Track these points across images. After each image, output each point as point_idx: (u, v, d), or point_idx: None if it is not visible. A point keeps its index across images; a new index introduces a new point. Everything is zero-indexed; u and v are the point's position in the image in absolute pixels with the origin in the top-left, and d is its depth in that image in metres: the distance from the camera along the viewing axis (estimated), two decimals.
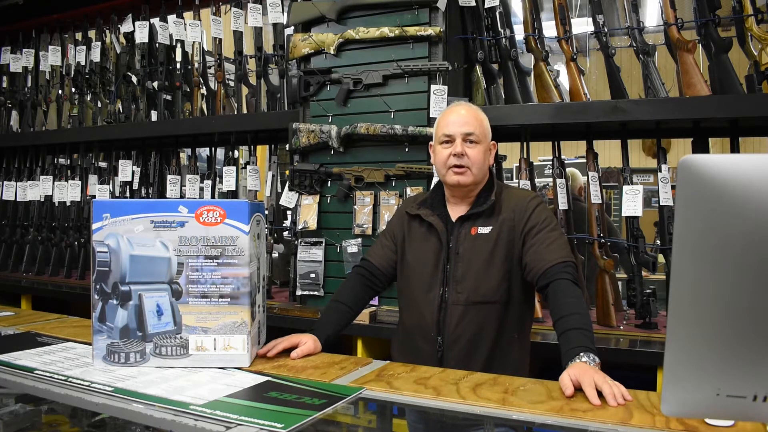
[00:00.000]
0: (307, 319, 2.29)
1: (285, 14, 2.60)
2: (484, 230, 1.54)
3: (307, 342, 1.45)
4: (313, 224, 2.39)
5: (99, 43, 3.26)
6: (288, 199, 2.51)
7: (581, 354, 1.26)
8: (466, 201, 1.60)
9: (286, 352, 1.43)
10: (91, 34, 3.37)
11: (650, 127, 2.21)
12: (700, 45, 2.03)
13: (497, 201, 1.57)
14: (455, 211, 1.60)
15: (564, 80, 2.37)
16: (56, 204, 3.35)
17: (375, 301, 2.29)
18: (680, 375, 0.77)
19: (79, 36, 3.39)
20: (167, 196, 2.98)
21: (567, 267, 1.47)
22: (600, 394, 1.11)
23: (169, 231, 1.30)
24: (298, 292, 2.43)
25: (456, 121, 1.56)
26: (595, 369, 1.21)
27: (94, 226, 1.30)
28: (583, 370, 1.19)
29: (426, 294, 1.58)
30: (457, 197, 1.60)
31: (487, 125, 1.60)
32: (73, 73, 3.36)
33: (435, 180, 2.20)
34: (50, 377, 1.19)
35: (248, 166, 2.79)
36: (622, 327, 2.06)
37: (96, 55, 3.26)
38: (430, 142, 1.66)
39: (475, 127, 1.55)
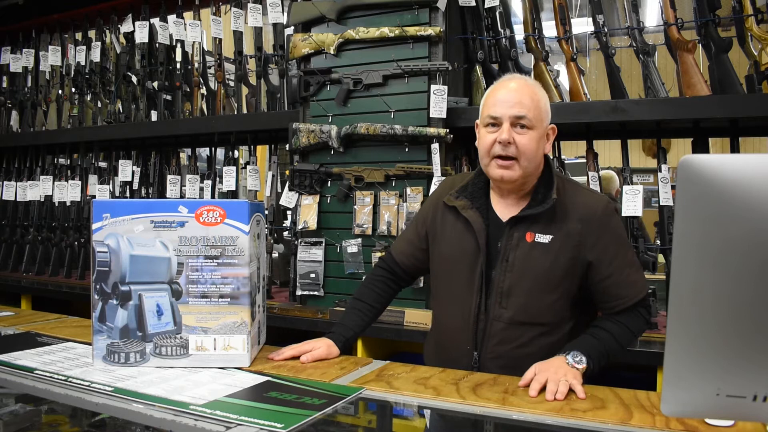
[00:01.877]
0: (307, 319, 2.29)
1: (285, 14, 2.60)
2: (543, 239, 1.31)
3: (321, 348, 1.39)
4: (313, 224, 2.39)
5: (99, 43, 3.26)
6: (288, 199, 2.51)
7: (569, 352, 1.24)
8: (516, 194, 1.37)
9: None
10: (91, 34, 3.36)
11: (650, 127, 2.21)
12: (700, 45, 2.03)
13: (560, 202, 1.33)
14: (503, 206, 1.39)
15: (564, 80, 2.37)
16: (56, 204, 3.35)
17: None
18: (680, 375, 0.77)
19: (79, 36, 3.39)
20: (167, 196, 2.98)
21: (645, 303, 1.35)
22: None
23: (169, 231, 1.30)
24: (298, 292, 2.43)
25: (505, 99, 1.31)
26: (562, 366, 1.19)
27: (94, 226, 1.30)
28: (548, 365, 1.20)
29: (460, 301, 1.39)
30: (503, 189, 1.39)
31: (545, 106, 1.34)
32: (73, 73, 3.36)
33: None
34: (50, 377, 1.19)
35: (248, 166, 2.79)
36: None
37: (96, 55, 3.26)
38: (477, 121, 1.41)
39: (528, 109, 1.29)
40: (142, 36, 3.05)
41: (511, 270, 1.33)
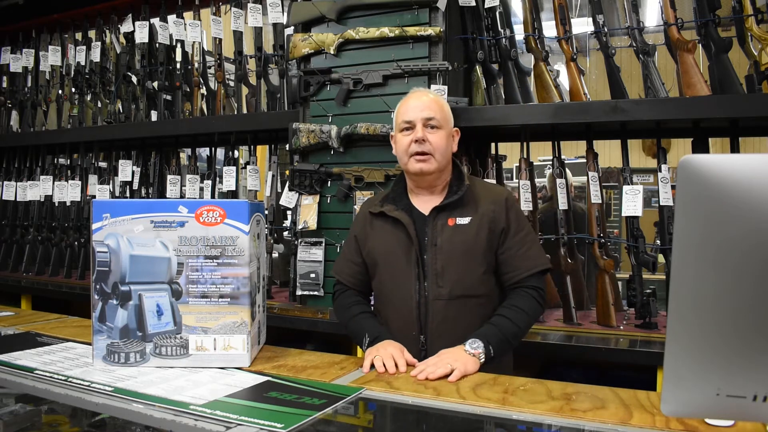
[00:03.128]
0: (307, 319, 2.29)
1: (285, 14, 2.60)
2: (463, 221, 1.50)
3: (402, 349, 1.40)
4: (313, 224, 2.39)
5: (99, 43, 3.26)
6: (288, 199, 2.51)
7: (469, 340, 1.36)
8: (432, 191, 1.56)
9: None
10: (91, 34, 3.36)
11: (650, 127, 2.21)
12: (700, 45, 2.03)
13: (471, 191, 1.53)
14: (423, 201, 1.55)
15: (564, 80, 2.36)
16: (56, 204, 3.35)
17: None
18: (680, 375, 0.77)
19: (79, 36, 3.39)
20: (167, 196, 2.98)
21: (538, 280, 1.51)
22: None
23: (169, 231, 1.30)
24: (298, 292, 2.43)
25: (416, 106, 1.52)
26: (457, 354, 1.32)
27: (94, 226, 1.30)
28: (444, 353, 1.33)
29: (400, 291, 1.51)
30: (421, 187, 1.56)
31: (449, 110, 1.57)
32: (73, 73, 3.36)
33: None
34: (50, 377, 1.19)
35: (248, 166, 2.79)
36: (622, 327, 2.06)
37: (96, 55, 3.26)
38: (391, 133, 1.62)
39: (435, 112, 1.51)
40: (142, 36, 3.05)
41: (441, 252, 1.49)
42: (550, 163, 2.30)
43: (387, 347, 1.38)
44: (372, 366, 1.33)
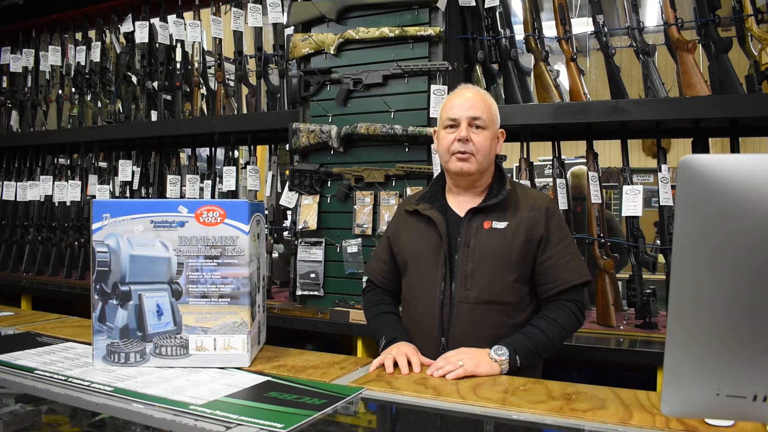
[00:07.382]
0: (307, 319, 2.29)
1: (285, 14, 2.60)
2: (499, 225, 1.45)
3: (416, 350, 1.40)
4: (313, 224, 2.39)
5: (99, 43, 3.26)
6: (288, 199, 2.51)
7: (495, 347, 1.34)
8: (472, 192, 1.52)
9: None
10: (91, 34, 3.37)
11: (650, 127, 2.21)
12: (700, 45, 2.03)
13: (512, 196, 1.48)
14: (460, 202, 1.52)
15: (564, 80, 2.36)
16: (56, 204, 3.35)
17: None
18: (680, 375, 0.77)
19: (79, 36, 3.39)
20: (167, 196, 2.98)
21: (577, 293, 1.45)
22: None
23: (169, 231, 1.30)
24: (298, 292, 2.43)
25: (462, 104, 1.47)
26: (478, 356, 1.30)
27: (94, 226, 1.30)
28: (464, 350, 1.33)
29: (426, 291, 1.48)
30: (460, 187, 1.52)
31: (496, 111, 1.52)
32: (73, 73, 3.36)
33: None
34: (50, 377, 1.19)
35: (248, 166, 2.79)
36: (622, 327, 2.06)
37: (96, 55, 3.26)
38: (434, 128, 1.58)
39: (482, 112, 1.46)
40: (142, 36, 3.06)
41: (473, 254, 1.45)
42: (550, 163, 2.30)
43: (401, 347, 1.39)
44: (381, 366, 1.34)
